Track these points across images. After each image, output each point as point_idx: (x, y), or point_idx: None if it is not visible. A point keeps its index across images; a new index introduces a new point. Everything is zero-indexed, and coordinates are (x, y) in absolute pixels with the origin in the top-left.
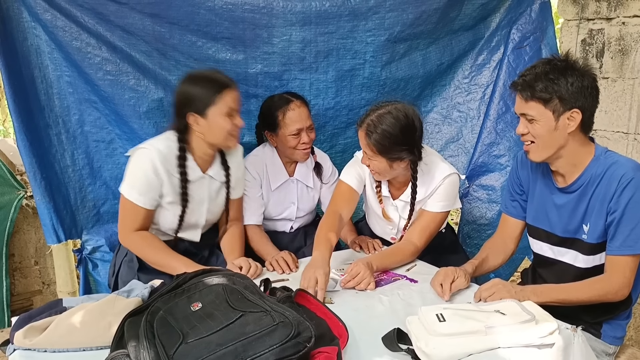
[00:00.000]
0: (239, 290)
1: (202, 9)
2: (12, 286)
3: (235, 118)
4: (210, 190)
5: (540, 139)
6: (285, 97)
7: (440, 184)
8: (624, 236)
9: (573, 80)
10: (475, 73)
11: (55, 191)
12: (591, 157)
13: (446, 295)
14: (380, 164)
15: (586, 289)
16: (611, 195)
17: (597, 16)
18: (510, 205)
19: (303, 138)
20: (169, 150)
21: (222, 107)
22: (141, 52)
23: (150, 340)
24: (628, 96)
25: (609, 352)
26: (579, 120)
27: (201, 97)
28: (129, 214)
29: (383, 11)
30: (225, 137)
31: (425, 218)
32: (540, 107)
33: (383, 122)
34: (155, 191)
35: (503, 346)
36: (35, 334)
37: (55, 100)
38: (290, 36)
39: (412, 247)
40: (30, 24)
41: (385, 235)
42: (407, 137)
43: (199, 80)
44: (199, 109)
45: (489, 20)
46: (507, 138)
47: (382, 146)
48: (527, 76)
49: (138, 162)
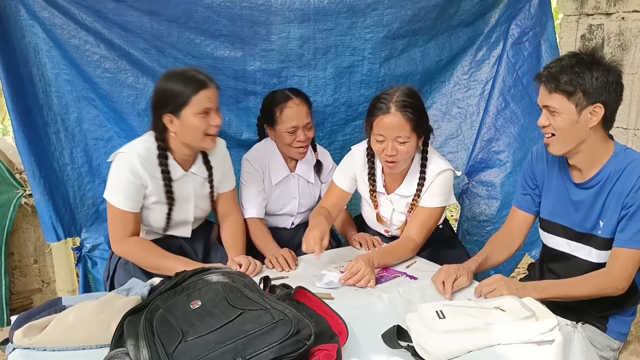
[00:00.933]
0: (239, 288)
1: (200, 6)
2: (12, 285)
3: (210, 117)
4: (195, 187)
5: (561, 132)
6: (286, 94)
7: (434, 180)
8: (635, 230)
9: (598, 75)
10: (475, 69)
11: (54, 189)
12: (610, 154)
13: (447, 294)
14: (411, 146)
15: (587, 284)
16: (628, 190)
17: (596, 11)
18: (522, 199)
19: (299, 136)
20: (148, 152)
21: (196, 108)
22: (139, 49)
23: (149, 338)
24: (628, 91)
25: (613, 347)
26: (601, 115)
27: (175, 97)
28: (119, 221)
29: (381, 8)
30: (200, 138)
31: (422, 214)
32: (564, 100)
33: (413, 96)
34: (139, 194)
35: (503, 343)
36: (34, 332)
37: (54, 99)
38: (289, 33)
39: (411, 244)
40: (28, 22)
41: (378, 227)
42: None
43: (174, 81)
44: (173, 109)
45: (488, 16)
46: (507, 134)
47: (418, 120)
48: (552, 68)
49: (119, 167)
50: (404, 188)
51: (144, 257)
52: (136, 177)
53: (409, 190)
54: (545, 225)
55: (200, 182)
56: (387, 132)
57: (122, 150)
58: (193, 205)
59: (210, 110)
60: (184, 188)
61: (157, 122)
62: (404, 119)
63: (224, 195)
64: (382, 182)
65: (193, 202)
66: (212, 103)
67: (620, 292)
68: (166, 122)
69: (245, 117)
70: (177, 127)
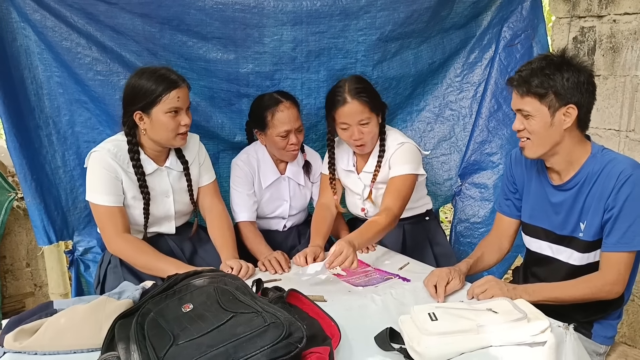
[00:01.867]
0: (230, 291)
1: (192, 8)
2: (4, 288)
3: (180, 116)
4: (172, 181)
5: (536, 135)
6: (275, 97)
7: (395, 151)
8: (621, 233)
9: (569, 76)
10: (467, 71)
11: (46, 192)
12: (588, 155)
13: (440, 298)
14: (373, 125)
15: (580, 287)
16: (609, 192)
17: (588, 14)
18: (504, 204)
19: (291, 139)
20: (119, 147)
21: (166, 106)
22: (132, 52)
23: (140, 342)
24: (620, 94)
25: (599, 352)
26: (574, 116)
27: (146, 95)
28: (106, 219)
29: (374, 10)
30: (171, 136)
31: (394, 183)
32: (536, 103)
33: (362, 82)
34: (118, 187)
35: (495, 345)
36: (25, 336)
37: (46, 101)
38: (282, 36)
39: (389, 214)
40: (19, 24)
41: (356, 207)
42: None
43: (146, 78)
44: (143, 107)
45: (480, 18)
46: (499, 136)
47: (373, 101)
48: (523, 72)
49: (93, 165)
50: (370, 165)
51: (137, 255)
52: (110, 171)
53: (373, 166)
54: (527, 229)
55: (177, 176)
56: (349, 119)
57: (93, 150)
58: (172, 199)
59: (180, 109)
60: (160, 182)
61: (127, 118)
62: (360, 104)
63: (204, 188)
64: (352, 163)
65: (172, 196)
66: (183, 103)
67: (615, 296)
68: (136, 119)
69: (238, 119)
70: (147, 124)
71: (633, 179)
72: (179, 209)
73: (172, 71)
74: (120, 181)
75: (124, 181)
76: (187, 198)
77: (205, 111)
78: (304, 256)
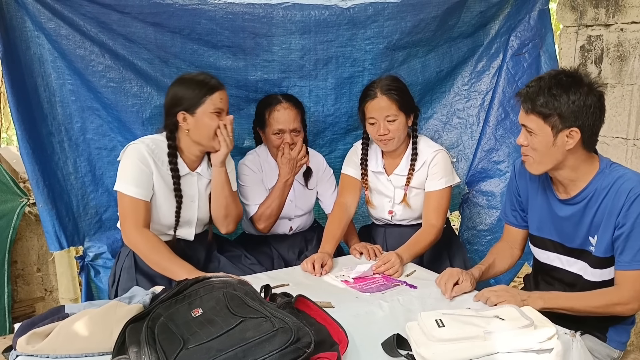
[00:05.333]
0: (239, 297)
1: (203, 18)
2: (15, 293)
3: (222, 117)
4: (200, 187)
5: (538, 153)
6: (277, 98)
7: (433, 158)
8: (635, 250)
9: (575, 99)
10: (475, 80)
11: (58, 198)
12: (595, 171)
13: (447, 293)
14: (400, 123)
15: (595, 300)
16: (619, 209)
17: (595, 22)
18: (510, 215)
19: (286, 139)
20: (157, 145)
21: (209, 107)
22: (143, 60)
23: (151, 345)
24: (627, 102)
25: (613, 357)
26: (577, 139)
27: (191, 96)
28: (130, 210)
29: (381, 20)
30: (212, 135)
31: (434, 198)
32: (540, 122)
33: (395, 81)
34: (149, 182)
35: (502, 351)
36: (37, 340)
37: (58, 108)
38: (290, 44)
39: (432, 229)
40: (33, 33)
41: (383, 210)
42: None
43: (191, 82)
44: (188, 107)
45: (488, 27)
46: (507, 144)
47: (402, 100)
48: (531, 87)
49: (127, 156)
50: (402, 168)
51: (151, 252)
52: (145, 164)
53: (406, 169)
54: (535, 241)
55: (205, 183)
56: (377, 113)
57: (131, 142)
58: (197, 206)
59: (222, 111)
60: (190, 187)
61: (170, 120)
62: (389, 100)
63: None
64: (382, 165)
65: (197, 202)
66: (225, 105)
67: (630, 313)
68: (180, 119)
69: (247, 124)
70: (190, 124)
71: None
72: (202, 216)
73: (212, 76)
74: (151, 176)
75: (155, 176)
76: (208, 206)
77: None
78: (311, 262)
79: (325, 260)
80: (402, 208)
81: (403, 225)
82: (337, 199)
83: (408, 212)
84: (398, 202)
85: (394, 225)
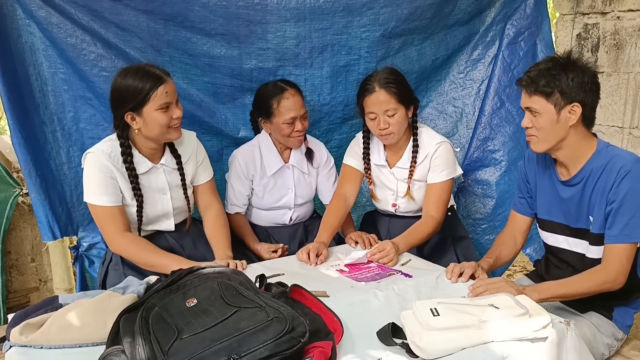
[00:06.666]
0: (234, 286)
1: (196, 5)
2: (9, 283)
3: (171, 110)
4: (169, 178)
5: (543, 131)
6: (280, 85)
7: (435, 151)
8: (622, 225)
9: (573, 76)
10: (470, 68)
11: (51, 188)
12: (593, 151)
13: (454, 278)
14: (400, 116)
15: (584, 281)
16: (610, 186)
17: (592, 10)
18: (518, 202)
19: (297, 126)
20: (113, 148)
21: (155, 104)
22: (136, 48)
23: (145, 336)
24: (623, 90)
25: (617, 337)
26: (579, 114)
27: (134, 96)
28: (105, 219)
29: (377, 7)
30: (164, 131)
31: (435, 190)
32: (543, 101)
33: (393, 73)
34: (115, 187)
35: (496, 340)
36: (31, 330)
37: (50, 98)
38: (285, 32)
39: (431, 221)
40: (24, 22)
41: (387, 203)
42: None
43: (130, 78)
44: (134, 107)
45: (483, 15)
46: (502, 133)
47: (401, 92)
48: (531, 73)
49: (88, 167)
50: (404, 161)
51: (139, 253)
52: (105, 172)
53: (408, 162)
54: (544, 225)
55: (173, 173)
56: (376, 108)
57: (88, 151)
58: (169, 197)
59: (170, 104)
60: (157, 180)
61: (118, 121)
62: (388, 93)
63: (202, 187)
64: (384, 158)
65: (169, 193)
66: (171, 97)
67: (619, 287)
68: (128, 120)
69: (241, 114)
70: (139, 124)
71: (633, 173)
72: (177, 205)
73: (155, 66)
74: (116, 181)
75: (119, 181)
76: (182, 194)
77: (209, 107)
78: (306, 252)
79: (321, 250)
80: (405, 201)
81: (408, 217)
82: (337, 189)
83: (412, 204)
84: (402, 196)
85: (399, 216)
